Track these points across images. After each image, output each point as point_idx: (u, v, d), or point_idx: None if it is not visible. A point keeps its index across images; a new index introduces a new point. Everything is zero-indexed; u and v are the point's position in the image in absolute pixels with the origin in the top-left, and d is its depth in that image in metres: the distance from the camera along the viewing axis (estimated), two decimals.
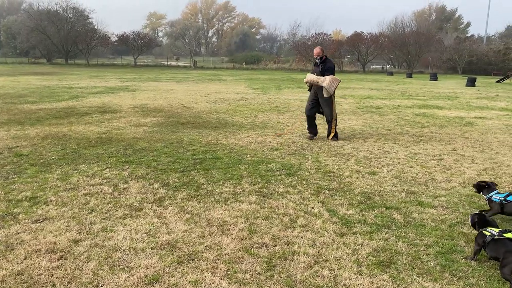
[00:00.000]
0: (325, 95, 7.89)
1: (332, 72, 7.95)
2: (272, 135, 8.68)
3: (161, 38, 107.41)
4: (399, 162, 6.59)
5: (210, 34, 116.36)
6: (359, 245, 3.67)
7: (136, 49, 63.71)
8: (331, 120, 8.18)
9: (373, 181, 5.55)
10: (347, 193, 5.06)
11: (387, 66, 69.67)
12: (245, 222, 4.09)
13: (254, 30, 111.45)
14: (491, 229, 3.41)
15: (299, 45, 62.68)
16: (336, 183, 5.42)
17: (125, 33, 64.50)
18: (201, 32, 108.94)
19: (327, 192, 5.07)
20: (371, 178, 5.69)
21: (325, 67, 7.98)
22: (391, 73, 51.19)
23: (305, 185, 5.29)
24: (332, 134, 8.26)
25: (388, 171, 6.08)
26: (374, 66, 70.31)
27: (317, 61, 8.10)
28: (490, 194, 4.27)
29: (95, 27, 68.26)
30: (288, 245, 3.62)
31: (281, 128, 9.58)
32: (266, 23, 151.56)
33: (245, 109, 12.96)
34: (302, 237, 3.78)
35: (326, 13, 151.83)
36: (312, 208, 4.51)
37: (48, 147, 7.19)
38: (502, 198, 4.12)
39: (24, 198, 4.60)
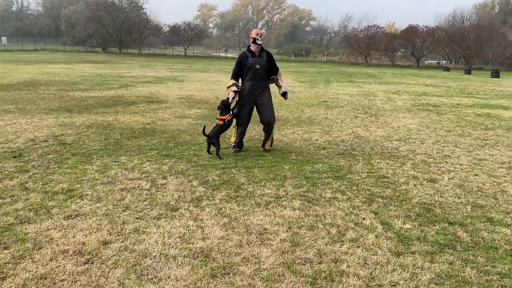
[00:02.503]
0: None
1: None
2: (319, 132, 8.18)
3: (211, 29, 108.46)
4: (461, 169, 5.91)
5: (259, 26, 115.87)
6: (418, 268, 3.17)
7: (187, 40, 64.59)
8: (273, 124, 6.54)
9: (433, 190, 4.96)
10: (404, 203, 4.52)
11: (443, 62, 66.16)
12: (287, 231, 3.69)
13: (304, 22, 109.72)
14: None
15: (350, 38, 60.86)
16: (391, 191, 4.88)
17: (176, 23, 65.56)
18: (251, 23, 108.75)
19: (381, 200, 4.56)
20: (431, 187, 5.09)
21: (271, 58, 6.42)
22: (447, 69, 48.48)
23: (355, 191, 4.80)
24: (271, 141, 6.63)
25: (449, 178, 5.45)
26: (429, 61, 66.97)
27: (258, 42, 6.27)
28: None
29: (148, 17, 69.84)
30: (335, 263, 3.19)
31: (330, 125, 9.06)
32: (317, 14, 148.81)
33: (291, 103, 12.49)
34: (351, 254, 3.33)
35: (379, 5, 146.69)
36: (364, 219, 4.04)
37: (92, 137, 7.14)
38: None
39: (60, 191, 4.46)
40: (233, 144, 6.54)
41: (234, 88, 6.22)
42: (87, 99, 11.93)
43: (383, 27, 62.48)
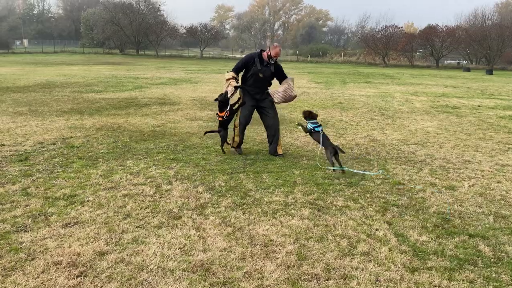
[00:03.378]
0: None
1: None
2: (333, 136, 7.92)
3: (227, 31, 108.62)
4: (483, 176, 5.59)
5: (276, 27, 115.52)
6: (435, 286, 2.92)
7: (203, 41, 64.73)
8: (279, 126, 6.43)
9: (452, 198, 4.67)
10: (420, 212, 4.25)
11: (463, 62, 64.70)
12: (294, 243, 3.47)
13: (321, 23, 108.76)
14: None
15: (367, 38, 60.04)
16: (407, 199, 4.61)
17: (193, 25, 65.72)
18: (267, 24, 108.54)
19: (395, 209, 4.29)
20: (450, 194, 4.80)
21: (279, 68, 6.46)
22: (468, 69, 47.33)
23: (368, 199, 4.55)
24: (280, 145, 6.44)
25: (470, 186, 5.14)
26: (449, 61, 65.56)
27: (272, 61, 6.27)
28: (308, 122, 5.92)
29: (165, 19, 70.28)
30: (344, 279, 2.96)
31: (344, 128, 8.78)
32: (334, 15, 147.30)
33: (305, 105, 12.24)
34: (362, 270, 3.09)
35: (397, 5, 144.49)
36: (377, 230, 3.79)
37: (100, 139, 7.04)
38: (312, 128, 5.85)
39: (62, 196, 4.34)
40: (234, 146, 6.43)
41: (234, 83, 6.15)
42: (100, 101, 11.91)
43: (401, 27, 61.43)
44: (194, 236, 3.54)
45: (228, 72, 6.31)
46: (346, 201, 4.46)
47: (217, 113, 6.39)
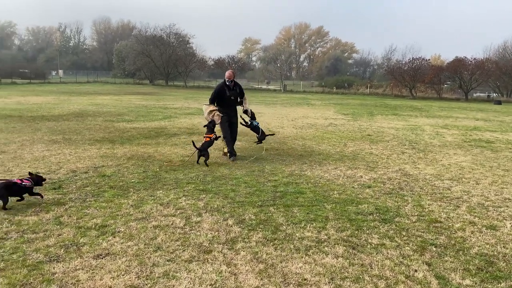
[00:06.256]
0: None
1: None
2: (364, 169, 7.76)
3: (254, 63, 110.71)
4: None
5: (301, 59, 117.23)
6: None
7: None
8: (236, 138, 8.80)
9: (494, 239, 4.43)
10: (461, 253, 4.04)
11: (494, 94, 63.38)
12: (329, 283, 3.34)
13: (347, 55, 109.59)
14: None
15: (394, 70, 59.89)
16: (445, 238, 4.40)
17: (221, 57, 67.41)
18: (293, 56, 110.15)
19: (434, 249, 4.10)
20: (491, 234, 4.56)
21: (241, 88, 8.55)
22: (499, 102, 46.25)
23: (405, 238, 4.37)
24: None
25: None
26: (478, 94, 64.38)
27: (227, 83, 8.32)
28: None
29: (194, 51, 72.37)
30: None
31: (375, 161, 8.60)
32: (360, 47, 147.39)
33: (333, 136, 12.14)
34: None
35: (424, 37, 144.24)
36: (416, 271, 3.60)
37: (131, 169, 7.12)
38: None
39: (93, 226, 4.36)
40: (227, 153, 8.36)
41: (219, 113, 8.22)
42: (131, 130, 12.16)
43: (428, 60, 61.11)
44: (225, 272, 3.46)
45: (206, 104, 8.49)
46: (382, 239, 4.29)
47: (204, 136, 8.20)
